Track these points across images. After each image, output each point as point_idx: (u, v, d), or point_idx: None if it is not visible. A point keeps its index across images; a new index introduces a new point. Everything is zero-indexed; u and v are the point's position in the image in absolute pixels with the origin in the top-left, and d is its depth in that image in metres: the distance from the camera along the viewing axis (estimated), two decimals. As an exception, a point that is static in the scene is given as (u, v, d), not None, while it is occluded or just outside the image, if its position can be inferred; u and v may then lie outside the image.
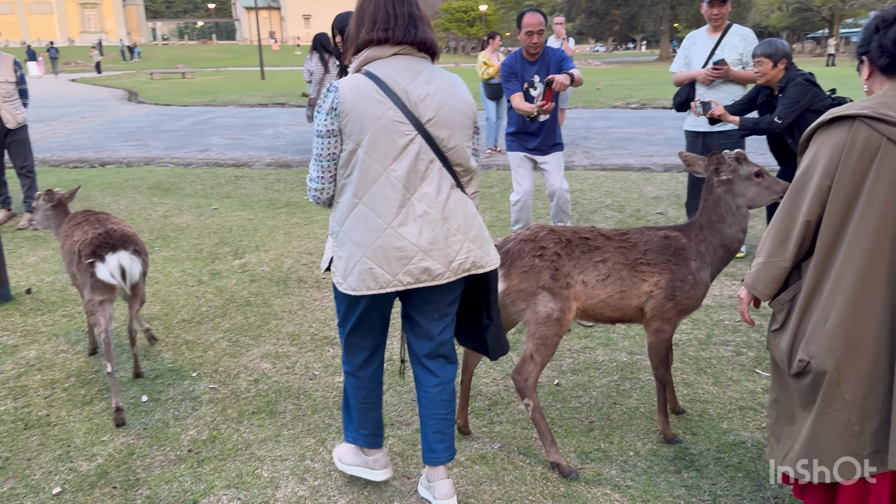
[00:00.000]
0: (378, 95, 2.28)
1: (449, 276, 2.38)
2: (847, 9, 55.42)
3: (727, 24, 5.50)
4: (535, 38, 5.13)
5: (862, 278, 2.06)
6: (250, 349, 4.16)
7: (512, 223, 5.69)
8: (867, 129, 2.02)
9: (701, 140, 5.62)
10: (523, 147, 5.46)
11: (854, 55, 2.24)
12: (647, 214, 7.00)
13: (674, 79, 5.73)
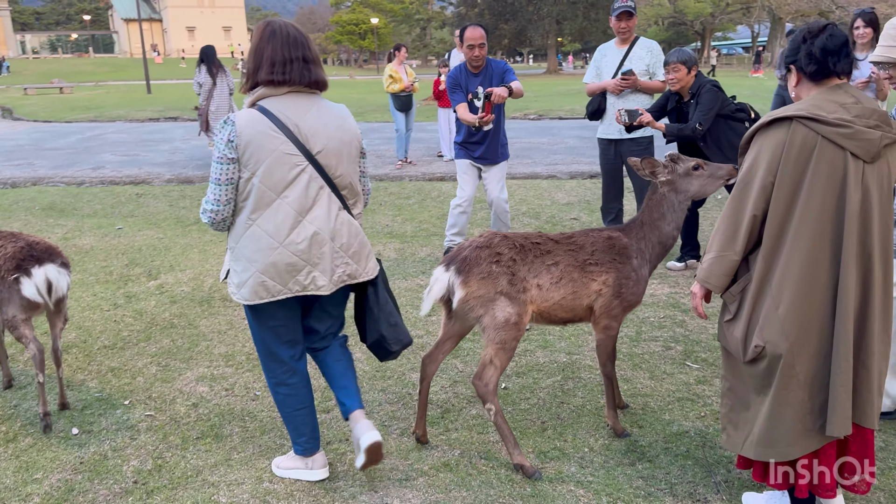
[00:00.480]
0: (272, 130, 2.54)
1: (331, 288, 2.69)
2: (717, 23, 59.47)
3: (634, 36, 5.79)
4: (476, 52, 5.30)
5: (808, 265, 2.23)
6: (183, 373, 3.98)
7: (447, 227, 5.81)
8: (804, 128, 2.20)
9: (613, 147, 5.86)
10: (470, 155, 5.64)
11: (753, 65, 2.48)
12: (562, 220, 7.23)
13: (586, 89, 5.96)
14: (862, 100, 2.24)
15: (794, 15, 48.97)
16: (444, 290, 2.92)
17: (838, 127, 2.16)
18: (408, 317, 4.71)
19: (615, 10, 5.65)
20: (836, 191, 2.20)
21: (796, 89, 2.36)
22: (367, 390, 3.72)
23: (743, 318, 2.38)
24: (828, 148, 2.19)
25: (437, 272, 2.96)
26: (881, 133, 2.20)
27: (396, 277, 5.50)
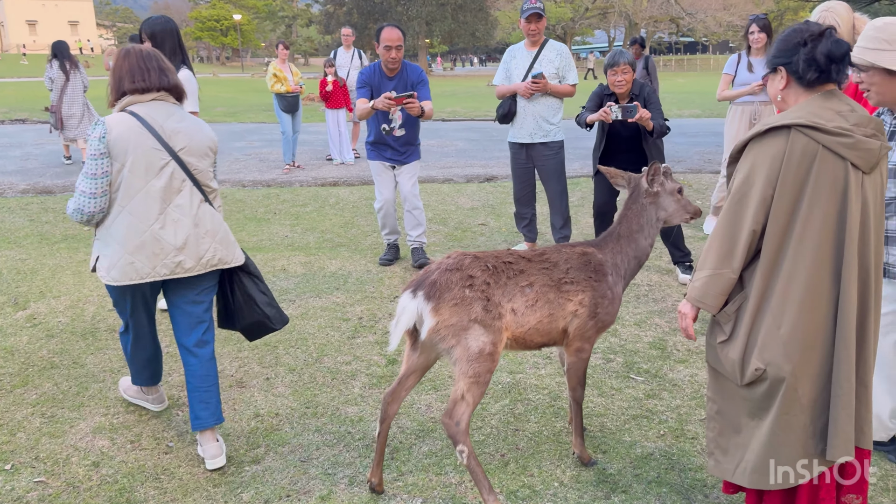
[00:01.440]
0: (139, 128, 2.85)
1: (199, 270, 2.97)
2: (577, 27, 61.95)
3: (544, 39, 5.67)
4: (393, 53, 5.19)
5: (810, 281, 2.11)
6: (75, 424, 3.38)
7: (380, 228, 5.76)
8: (804, 137, 2.07)
9: (525, 151, 5.73)
10: (382, 156, 5.60)
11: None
12: (471, 226, 7.02)
13: (496, 91, 5.79)
14: (856, 108, 2.13)
15: (647, 21, 51.94)
16: (413, 320, 2.59)
17: (839, 136, 2.05)
18: (329, 340, 4.30)
19: (525, 11, 5.53)
20: (838, 203, 2.08)
21: (783, 93, 2.23)
22: (300, 431, 3.30)
23: (739, 339, 2.23)
24: (829, 158, 2.07)
25: (404, 300, 2.62)
26: (880, 143, 2.10)
27: (308, 295, 5.07)
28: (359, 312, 4.75)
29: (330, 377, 3.84)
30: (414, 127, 5.56)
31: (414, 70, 5.42)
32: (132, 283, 2.86)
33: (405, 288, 2.68)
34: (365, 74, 5.39)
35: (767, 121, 2.14)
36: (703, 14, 49.87)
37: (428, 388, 3.70)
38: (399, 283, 5.29)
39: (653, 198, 2.96)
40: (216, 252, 2.99)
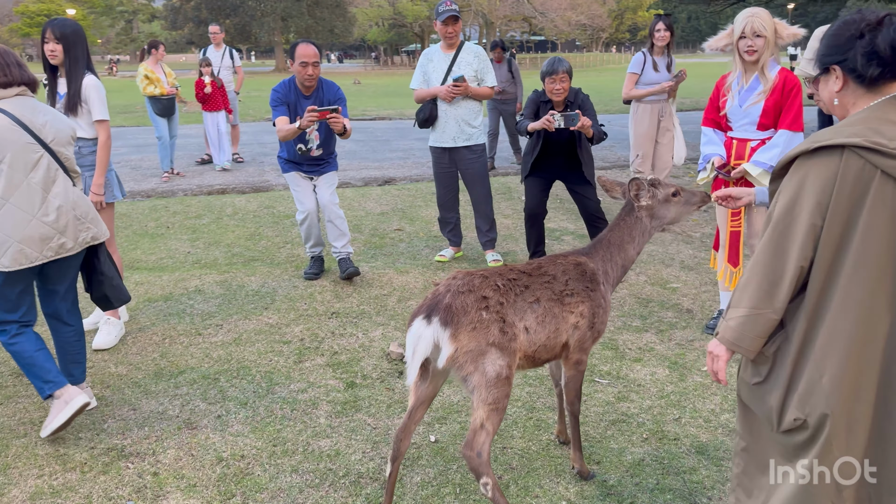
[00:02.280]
0: (11, 125, 3.08)
1: (77, 249, 3.30)
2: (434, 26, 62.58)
3: (461, 41, 5.60)
4: (310, 70, 4.97)
5: (861, 326, 1.86)
6: (5, 491, 2.90)
7: (303, 241, 5.47)
8: (859, 160, 1.80)
9: (448, 155, 5.64)
10: (298, 168, 5.28)
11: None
12: (387, 232, 6.82)
13: (415, 95, 5.66)
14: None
15: (502, 20, 53.42)
16: (430, 348, 2.41)
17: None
18: (274, 367, 3.99)
19: (441, 14, 5.42)
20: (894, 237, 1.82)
21: (839, 96, 1.95)
22: (275, 474, 3.01)
23: (780, 384, 1.98)
24: (887, 186, 1.79)
25: (418, 327, 2.43)
26: None
27: (235, 317, 4.69)
28: (298, 333, 4.45)
29: (289, 408, 3.55)
30: (331, 140, 5.33)
31: (330, 87, 5.20)
32: (22, 267, 3.11)
33: (415, 314, 2.50)
34: (279, 92, 5.11)
35: (818, 136, 1.85)
36: (553, 13, 51.96)
37: (399, 412, 3.51)
38: (331, 298, 5.03)
39: (647, 210, 2.94)
40: (89, 231, 3.34)
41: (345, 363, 4.04)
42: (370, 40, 73.13)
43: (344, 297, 5.07)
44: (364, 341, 4.34)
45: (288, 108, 5.08)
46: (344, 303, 4.96)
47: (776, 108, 3.86)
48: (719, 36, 4.00)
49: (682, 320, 4.65)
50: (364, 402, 3.60)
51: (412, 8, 59.12)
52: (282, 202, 8.05)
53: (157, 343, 4.32)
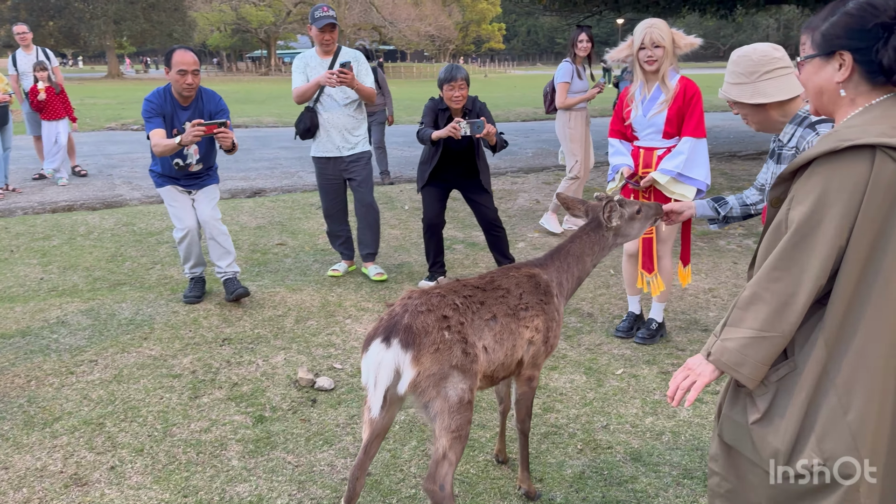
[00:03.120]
0: None
1: None
2: (280, 31, 61.04)
3: (337, 46, 5.36)
4: (189, 79, 4.62)
5: (892, 353, 1.62)
6: None
7: (182, 261, 4.98)
8: (893, 163, 1.55)
9: (332, 165, 5.38)
10: (172, 181, 4.80)
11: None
12: (269, 247, 6.41)
13: (297, 93, 5.27)
14: None
15: (351, 28, 53.09)
16: (392, 374, 2.18)
17: None
18: (168, 405, 3.56)
19: (318, 20, 5.14)
20: None
21: (844, 86, 1.69)
22: (193, 528, 2.64)
23: (790, 420, 1.70)
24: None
25: (377, 351, 2.20)
26: None
27: (111, 351, 4.16)
28: (188, 365, 4.01)
29: (193, 452, 3.16)
30: (211, 153, 4.92)
31: (211, 98, 4.79)
32: None
33: (371, 337, 2.27)
34: (154, 103, 4.63)
35: (842, 134, 1.60)
36: (403, 24, 52.40)
37: (321, 445, 3.23)
38: (220, 323, 4.60)
39: (615, 230, 2.88)
40: None
41: (248, 395, 3.68)
42: (212, 46, 70.06)
43: (234, 320, 4.66)
44: (266, 369, 3.98)
45: (164, 120, 4.62)
46: (235, 327, 4.55)
47: (679, 115, 3.97)
48: (620, 47, 4.07)
49: (586, 325, 4.68)
50: (279, 438, 3.28)
51: (257, 13, 57.29)
52: (142, 218, 7.37)
53: (21, 386, 3.73)
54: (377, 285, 5.36)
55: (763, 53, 2.47)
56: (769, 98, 2.45)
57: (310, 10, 5.26)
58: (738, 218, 2.83)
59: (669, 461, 3.10)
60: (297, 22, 59.21)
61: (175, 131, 4.63)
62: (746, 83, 2.47)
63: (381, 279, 5.45)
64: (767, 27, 27.23)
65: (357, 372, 3.91)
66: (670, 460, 3.11)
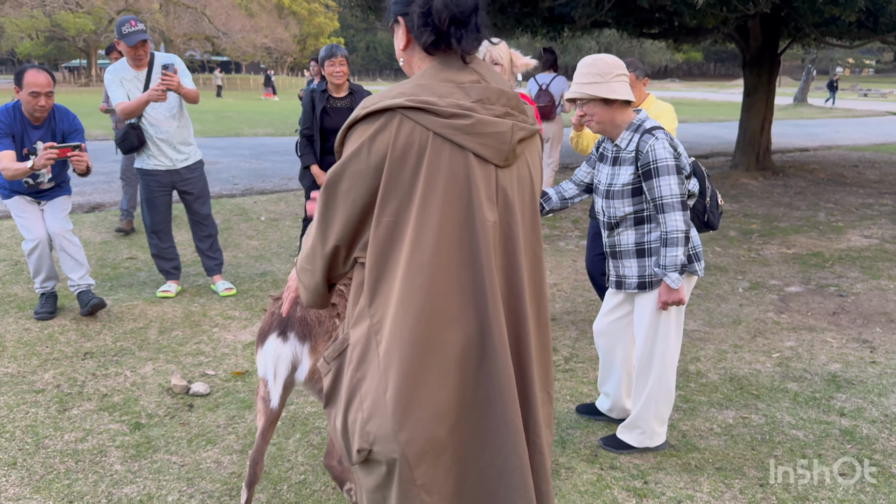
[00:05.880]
0: None
1: None
2: (102, 40, 57.18)
3: (150, 56, 5.07)
4: (42, 101, 4.52)
5: (426, 321, 1.53)
6: None
7: (33, 275, 4.75)
8: (410, 123, 1.52)
9: (162, 177, 5.11)
10: (18, 191, 4.58)
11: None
12: (119, 261, 6.20)
13: (123, 110, 4.85)
14: (487, 76, 1.62)
15: (182, 38, 50.88)
16: (290, 366, 2.35)
17: (452, 118, 1.52)
18: (36, 419, 3.46)
19: (127, 36, 4.82)
20: (461, 210, 1.55)
21: (405, 54, 1.68)
22: (83, 532, 2.65)
23: (341, 402, 1.64)
24: (444, 150, 1.53)
25: (274, 345, 2.35)
26: (512, 123, 1.58)
27: (-40, 372, 3.93)
28: (50, 380, 3.89)
29: (72, 461, 3.12)
30: (64, 170, 4.76)
31: (65, 116, 4.60)
32: None
33: (266, 332, 2.43)
34: (3, 122, 4.40)
35: (370, 101, 1.58)
36: (237, 34, 51.00)
37: (203, 445, 3.30)
38: (77, 337, 4.47)
39: None
40: None
41: (120, 405, 3.65)
42: (21, 54, 64.25)
43: (93, 335, 4.53)
44: (135, 379, 3.95)
45: (13, 140, 4.42)
46: (95, 341, 4.44)
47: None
48: None
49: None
50: (160, 441, 3.31)
51: (74, 20, 53.36)
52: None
53: None
54: (241, 293, 5.40)
55: (615, 59, 2.94)
56: (620, 96, 2.90)
57: (115, 24, 4.93)
58: (557, 209, 3.30)
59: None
60: (120, 30, 55.82)
61: (25, 151, 4.45)
62: (602, 82, 2.88)
63: (231, 294, 5.36)
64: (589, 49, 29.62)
65: (231, 377, 3.99)
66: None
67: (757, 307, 5.29)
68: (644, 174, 2.93)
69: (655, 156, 2.88)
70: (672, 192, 2.88)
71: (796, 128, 22.21)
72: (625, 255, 3.10)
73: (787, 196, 9.87)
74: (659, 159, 2.88)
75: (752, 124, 11.68)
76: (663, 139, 2.91)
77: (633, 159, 2.97)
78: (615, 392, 3.43)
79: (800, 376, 4.12)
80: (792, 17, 10.29)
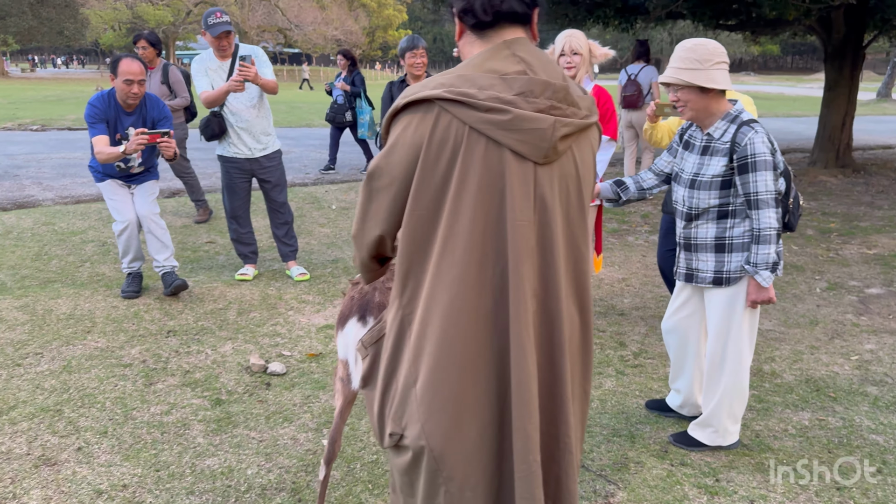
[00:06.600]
0: None
1: None
2: (180, 32, 59.15)
3: (234, 47, 5.25)
4: (135, 88, 4.64)
5: (454, 317, 1.53)
6: None
7: (121, 255, 5.00)
8: (448, 116, 1.49)
9: (243, 165, 5.29)
10: (110, 175, 4.83)
11: None
12: (198, 245, 6.46)
13: (205, 99, 5.07)
14: (536, 66, 1.54)
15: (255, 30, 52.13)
16: None
17: (490, 112, 1.47)
18: (124, 392, 3.66)
19: (212, 27, 5.00)
20: (494, 207, 1.52)
21: (459, 43, 1.66)
22: (171, 498, 2.80)
23: (378, 386, 1.69)
24: (479, 144, 1.50)
25: (353, 328, 2.43)
26: (555, 119, 1.51)
27: (56, 343, 4.18)
28: (137, 355, 4.10)
29: (157, 432, 3.29)
30: (153, 154, 4.99)
31: (155, 104, 4.83)
32: None
33: (346, 316, 2.50)
34: (98, 108, 4.65)
35: (413, 90, 1.55)
36: (308, 27, 51.94)
37: (281, 422, 3.43)
38: (160, 316, 4.69)
39: None
40: None
41: (202, 381, 3.82)
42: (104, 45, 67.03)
43: (175, 314, 4.75)
44: (215, 357, 4.13)
45: (108, 126, 4.67)
46: (178, 320, 4.65)
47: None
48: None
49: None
50: (240, 417, 3.46)
51: (154, 12, 55.33)
52: (62, 218, 7.23)
53: (-34, 379, 3.73)
54: (314, 279, 5.55)
55: (715, 45, 2.82)
56: (719, 85, 2.80)
57: (202, 15, 5.16)
58: (635, 199, 3.25)
59: (599, 423, 3.49)
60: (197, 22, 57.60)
61: (118, 136, 4.69)
62: (700, 69, 2.78)
63: (304, 279, 5.51)
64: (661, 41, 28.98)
65: (305, 358, 4.13)
66: (600, 422, 3.50)
67: (835, 308, 5.13)
68: (739, 167, 2.83)
69: (754, 149, 2.79)
70: (767, 188, 2.80)
71: (879, 124, 21.25)
72: (701, 248, 3.04)
73: (868, 195, 9.49)
74: (758, 153, 2.79)
75: (833, 120, 11.25)
76: (762, 133, 2.81)
77: (728, 151, 2.87)
78: (687, 388, 3.40)
79: (880, 380, 3.98)
80: (879, 7, 9.86)
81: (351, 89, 10.10)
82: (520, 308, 1.53)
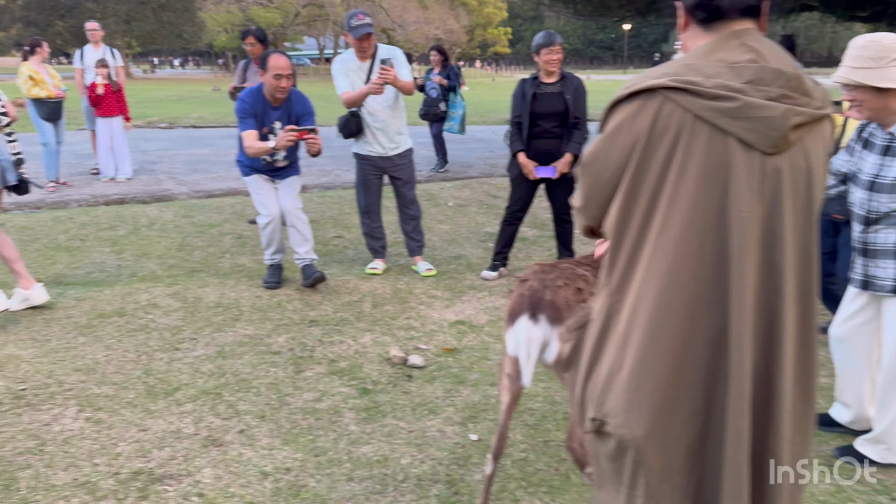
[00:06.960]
0: None
1: None
2: (289, 33, 61.40)
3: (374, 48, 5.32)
4: (283, 83, 4.80)
5: (665, 307, 1.50)
6: None
7: (264, 247, 5.23)
8: (671, 104, 1.46)
9: (377, 162, 5.43)
10: (256, 169, 5.07)
11: None
12: (327, 239, 6.68)
13: (346, 99, 5.24)
14: (767, 54, 1.48)
15: (359, 30, 53.37)
16: (541, 348, 2.43)
17: (716, 100, 1.43)
18: (276, 378, 3.82)
19: (354, 29, 5.10)
20: (715, 198, 1.47)
21: (684, 36, 1.63)
22: (331, 484, 2.90)
23: (582, 371, 1.66)
24: (702, 133, 1.45)
25: (526, 327, 2.43)
26: (786, 107, 1.44)
27: (208, 330, 4.42)
28: (284, 343, 4.28)
29: (312, 418, 3.42)
30: (296, 149, 5.19)
31: (300, 100, 5.02)
32: None
33: (516, 312, 2.50)
34: (248, 103, 4.87)
35: (636, 80, 1.54)
36: (411, 26, 52.73)
37: (426, 414, 3.48)
38: (301, 306, 4.87)
39: None
40: None
41: (347, 370, 3.94)
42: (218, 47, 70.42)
43: (315, 304, 4.92)
44: (357, 347, 4.24)
45: (256, 120, 4.89)
46: (318, 311, 4.81)
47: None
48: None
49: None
50: (387, 407, 3.54)
51: (265, 15, 57.53)
52: (199, 211, 7.64)
53: (133, 360, 3.99)
54: (440, 275, 5.61)
55: (893, 41, 2.62)
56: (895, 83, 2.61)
57: (345, 17, 5.26)
58: None
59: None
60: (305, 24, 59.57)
61: (266, 130, 4.89)
62: (874, 67, 2.61)
63: (431, 274, 5.59)
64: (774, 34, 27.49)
65: (442, 352, 4.18)
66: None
67: None
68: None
69: None
70: None
71: None
72: (881, 254, 2.85)
73: None
74: None
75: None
76: None
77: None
78: (857, 402, 3.20)
79: None
80: None
81: (447, 83, 10.20)
82: (741, 306, 1.47)
